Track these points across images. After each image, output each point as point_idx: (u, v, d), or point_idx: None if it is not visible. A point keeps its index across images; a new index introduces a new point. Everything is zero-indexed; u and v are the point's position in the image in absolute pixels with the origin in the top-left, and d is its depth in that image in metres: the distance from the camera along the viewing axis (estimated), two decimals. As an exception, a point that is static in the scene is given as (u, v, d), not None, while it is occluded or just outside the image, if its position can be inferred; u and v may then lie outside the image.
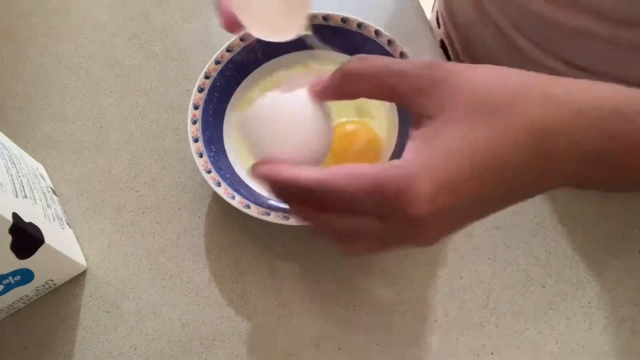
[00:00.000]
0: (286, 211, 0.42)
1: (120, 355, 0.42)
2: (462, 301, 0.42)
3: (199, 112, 0.46)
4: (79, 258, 0.44)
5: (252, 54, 0.45)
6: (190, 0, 0.58)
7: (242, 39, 0.47)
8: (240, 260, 0.44)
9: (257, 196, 0.44)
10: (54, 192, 0.48)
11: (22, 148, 0.48)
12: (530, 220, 0.44)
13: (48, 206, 0.43)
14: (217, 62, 0.47)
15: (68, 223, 0.46)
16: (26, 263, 0.39)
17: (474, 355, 0.40)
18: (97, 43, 0.56)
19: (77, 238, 0.46)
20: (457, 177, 0.23)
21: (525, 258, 0.43)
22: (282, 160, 0.28)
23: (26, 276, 0.40)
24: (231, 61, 0.47)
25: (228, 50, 0.48)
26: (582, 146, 0.25)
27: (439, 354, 0.40)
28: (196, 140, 0.45)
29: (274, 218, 0.41)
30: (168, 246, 0.45)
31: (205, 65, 0.47)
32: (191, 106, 0.46)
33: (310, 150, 0.29)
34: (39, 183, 0.45)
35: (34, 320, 0.43)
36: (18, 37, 0.57)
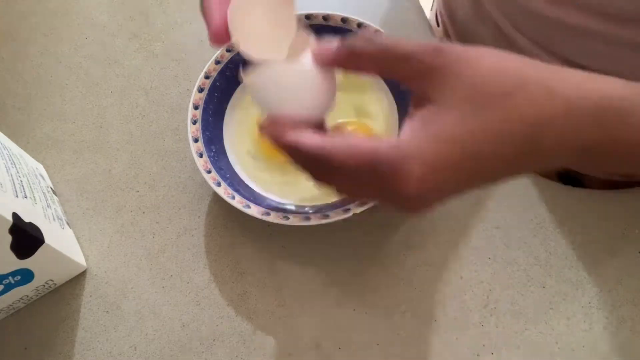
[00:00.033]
0: (286, 211, 0.42)
1: (120, 355, 0.42)
2: (462, 301, 0.42)
3: (199, 112, 0.46)
4: (79, 258, 0.44)
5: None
6: (190, 0, 0.58)
7: None
8: (240, 260, 0.44)
9: (257, 196, 0.44)
10: (54, 192, 0.48)
11: (22, 148, 0.48)
12: (530, 220, 0.44)
13: (48, 206, 0.43)
14: (217, 62, 0.47)
15: (68, 223, 0.46)
16: (26, 263, 0.39)
17: (474, 355, 0.40)
18: (97, 43, 0.56)
19: (77, 238, 0.46)
20: (447, 163, 0.26)
21: (525, 258, 0.43)
22: (286, 118, 0.30)
23: (26, 276, 0.40)
24: (231, 61, 0.48)
25: (228, 50, 0.48)
26: (572, 141, 0.26)
27: (439, 354, 0.40)
28: (196, 140, 0.45)
29: (274, 218, 0.41)
30: (168, 246, 0.45)
31: (205, 65, 0.47)
32: (191, 106, 0.46)
33: (312, 108, 0.31)
34: (39, 183, 0.45)
35: (34, 320, 0.43)
36: (18, 37, 0.57)
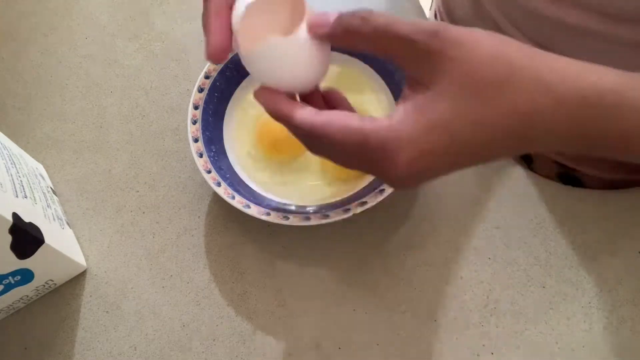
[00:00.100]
0: (286, 211, 0.42)
1: (120, 355, 0.42)
2: (462, 301, 0.42)
3: (199, 112, 0.46)
4: (79, 258, 0.44)
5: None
6: (190, 0, 0.58)
7: None
8: (240, 260, 0.44)
9: (257, 196, 0.44)
10: (54, 192, 0.48)
11: (22, 148, 0.48)
12: (530, 220, 0.44)
13: (48, 206, 0.43)
14: (217, 62, 0.47)
15: (68, 223, 0.46)
16: (26, 263, 0.39)
17: (474, 355, 0.40)
18: (97, 43, 0.56)
19: (77, 238, 0.46)
20: (436, 149, 0.26)
21: (525, 258, 0.43)
22: (280, 88, 0.31)
23: (26, 276, 0.40)
24: (231, 61, 0.47)
25: (228, 50, 0.48)
26: (560, 131, 0.26)
27: (439, 354, 0.40)
28: (196, 140, 0.45)
29: (274, 218, 0.41)
30: (168, 246, 0.45)
31: (205, 65, 0.47)
32: (191, 106, 0.46)
33: (306, 78, 0.31)
34: (39, 183, 0.45)
35: (34, 320, 0.43)
36: (18, 37, 0.57)
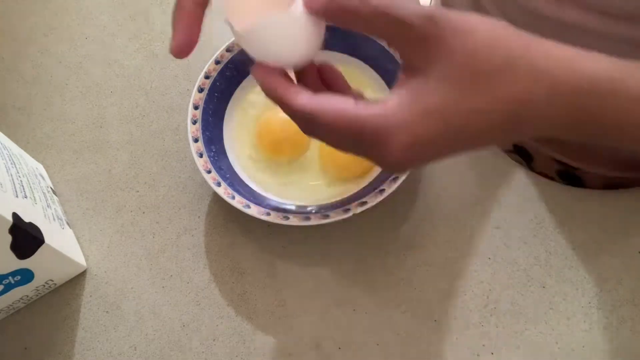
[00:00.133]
0: (286, 211, 0.42)
1: (120, 355, 0.42)
2: (462, 301, 0.42)
3: (199, 112, 0.46)
4: (79, 258, 0.44)
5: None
6: (190, 0, 0.58)
7: None
8: (240, 260, 0.44)
9: (257, 196, 0.44)
10: (54, 192, 0.48)
11: (22, 148, 0.48)
12: (530, 220, 0.44)
13: (48, 206, 0.43)
14: (217, 62, 0.47)
15: (68, 223, 0.46)
16: (26, 263, 0.39)
17: (474, 355, 0.40)
18: (97, 43, 0.56)
19: (77, 238, 0.46)
20: (430, 136, 0.26)
21: (525, 258, 0.43)
22: (275, 63, 0.31)
23: (26, 276, 0.40)
24: (231, 61, 0.48)
25: (228, 50, 0.48)
26: (554, 119, 0.26)
27: (439, 354, 0.40)
28: (196, 140, 0.45)
29: (274, 218, 0.41)
30: (168, 246, 0.45)
31: (205, 65, 0.47)
32: (191, 106, 0.46)
33: (300, 54, 0.31)
34: (39, 183, 0.45)
35: (34, 320, 0.43)
36: (18, 37, 0.57)
